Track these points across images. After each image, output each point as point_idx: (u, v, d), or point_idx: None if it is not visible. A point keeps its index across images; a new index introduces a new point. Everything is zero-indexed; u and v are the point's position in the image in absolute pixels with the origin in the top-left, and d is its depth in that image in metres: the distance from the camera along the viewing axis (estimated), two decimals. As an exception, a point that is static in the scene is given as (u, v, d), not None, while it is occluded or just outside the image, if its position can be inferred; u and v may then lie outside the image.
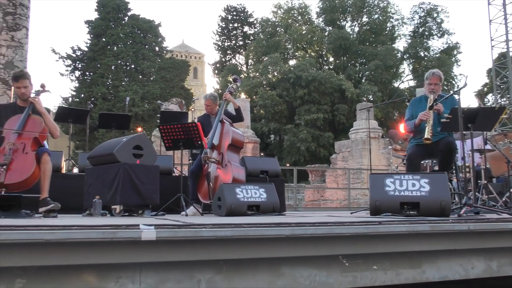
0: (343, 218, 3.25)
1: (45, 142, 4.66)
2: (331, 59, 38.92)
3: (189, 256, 2.12)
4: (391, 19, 38.09)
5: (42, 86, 4.75)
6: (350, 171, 12.96)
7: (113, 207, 5.04)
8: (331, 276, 2.37)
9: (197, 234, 2.03)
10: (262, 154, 20.78)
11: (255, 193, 5.02)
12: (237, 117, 6.10)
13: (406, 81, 39.16)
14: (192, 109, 14.98)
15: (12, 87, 11.69)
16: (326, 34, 37.05)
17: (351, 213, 5.27)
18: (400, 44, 43.24)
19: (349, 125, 27.61)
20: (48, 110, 4.66)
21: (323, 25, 38.21)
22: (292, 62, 37.07)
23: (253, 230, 2.11)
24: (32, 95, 4.53)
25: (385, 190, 3.56)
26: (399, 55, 37.24)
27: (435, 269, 2.66)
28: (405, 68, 39.09)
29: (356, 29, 38.06)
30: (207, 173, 5.46)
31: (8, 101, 11.85)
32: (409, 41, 37.92)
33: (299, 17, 38.42)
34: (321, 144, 30.95)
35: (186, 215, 5.04)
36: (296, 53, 38.79)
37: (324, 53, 38.61)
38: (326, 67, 36.94)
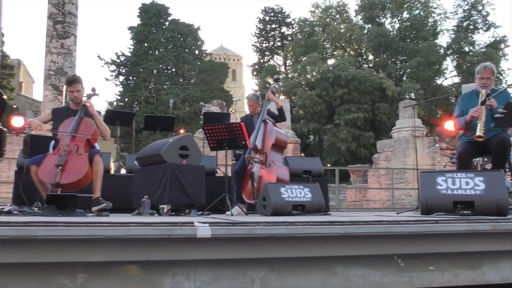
0: (391, 218, 3.17)
1: (96, 144, 4.82)
2: (371, 57, 38.24)
3: (243, 254, 2.14)
4: (433, 14, 36.96)
5: (93, 90, 4.94)
6: (394, 171, 12.67)
7: (161, 206, 5.15)
8: (386, 276, 2.32)
9: (251, 232, 2.04)
10: (302, 154, 20.68)
11: (300, 193, 4.99)
12: (280, 117, 6.09)
13: (449, 78, 37.96)
14: (233, 111, 15.10)
15: (64, 92, 12.16)
16: (365, 32, 36.42)
17: (397, 213, 5.16)
18: (443, 40, 41.97)
19: (390, 124, 27.02)
20: (99, 113, 4.82)
21: (362, 23, 37.61)
22: (330, 62, 36.70)
23: (307, 228, 2.09)
24: (84, 98, 4.73)
25: (436, 189, 3.45)
26: (441, 51, 36.10)
27: (496, 271, 2.55)
28: (449, 64, 37.91)
29: (396, 25, 37.22)
30: (251, 173, 5.48)
31: (59, 105, 12.33)
32: (453, 36, 36.69)
33: (337, 16, 37.98)
34: (362, 144, 30.47)
35: (232, 214, 5.07)
36: (335, 52, 38.39)
37: (363, 51, 38.00)
38: (366, 66, 36.31)
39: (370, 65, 36.66)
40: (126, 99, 32.96)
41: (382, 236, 2.25)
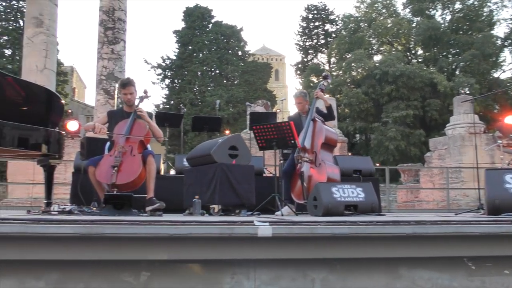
0: (457, 218, 3.02)
1: (148, 145, 4.91)
2: (420, 51, 36.98)
3: (303, 254, 2.09)
4: (488, 3, 34.96)
5: (145, 92, 5.04)
6: (448, 170, 12.17)
7: (211, 206, 5.17)
8: (455, 280, 2.20)
9: (313, 231, 1.99)
10: (349, 154, 20.34)
11: (352, 193, 4.87)
12: (329, 116, 5.99)
13: (508, 71, 35.98)
14: (278, 110, 15.07)
15: (115, 96, 12.53)
16: (413, 25, 35.27)
17: (456, 214, 4.95)
18: (500, 30, 39.99)
19: (443, 121, 26.07)
20: (151, 115, 4.91)
21: (410, 16, 36.45)
22: (377, 58, 35.87)
23: (371, 227, 2.02)
24: (137, 100, 4.84)
25: (504, 188, 3.26)
26: (498, 42, 34.24)
27: None
28: (507, 56, 36.01)
29: (448, 17, 35.66)
30: (300, 173, 5.41)
31: (110, 109, 12.71)
32: (511, 26, 34.85)
33: (384, 10, 37.07)
34: (412, 142, 29.57)
35: (282, 215, 5.02)
36: (382, 48, 37.50)
37: (412, 45, 36.85)
38: (415, 61, 35.22)
39: (420, 60, 35.51)
40: (172, 102, 33.61)
41: (451, 237, 2.13)
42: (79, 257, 1.83)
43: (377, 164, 25.05)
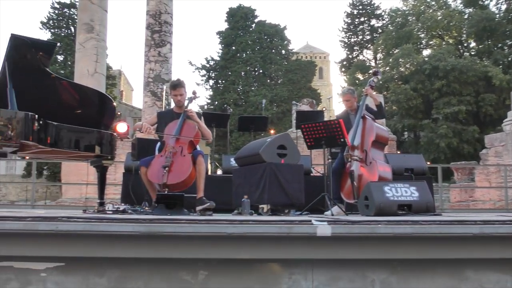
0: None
1: (197, 146, 4.96)
2: (473, 44, 35.30)
3: (363, 254, 2.03)
4: (548, -10, 33.12)
5: (194, 93, 5.11)
6: (507, 168, 11.56)
7: (260, 206, 5.17)
8: (526, 283, 2.07)
9: (374, 230, 1.93)
10: (398, 152, 19.82)
11: (406, 192, 4.73)
12: (379, 114, 5.83)
13: None
14: (324, 108, 14.92)
15: (163, 97, 12.80)
16: (465, 17, 33.74)
17: (517, 214, 4.70)
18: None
19: (498, 116, 24.90)
20: (200, 115, 4.96)
21: (462, 7, 34.87)
22: (426, 52, 34.65)
23: (436, 227, 1.93)
24: (186, 101, 4.91)
25: None
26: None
27: None
28: None
29: (503, 6, 33.62)
30: (350, 172, 5.31)
31: (157, 110, 13.00)
32: None
33: (433, 2, 35.68)
34: (465, 139, 28.36)
35: (332, 214, 4.94)
36: (431, 42, 36.22)
37: (464, 38, 35.28)
38: (467, 54, 33.74)
39: (472, 53, 33.93)
40: (216, 102, 33.97)
41: (522, 237, 2.01)
42: (139, 255, 1.86)
43: (428, 163, 24.16)
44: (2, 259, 1.87)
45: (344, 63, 41.02)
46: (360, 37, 40.67)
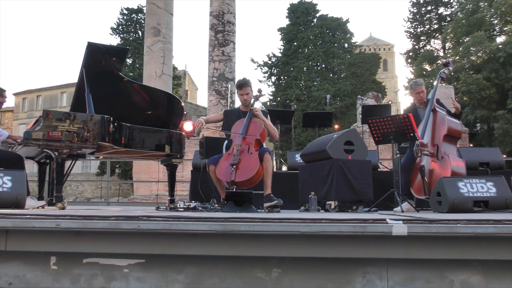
0: None
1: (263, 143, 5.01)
2: (554, 28, 32.85)
3: (440, 254, 1.96)
4: None
5: (259, 91, 5.16)
6: None
7: (328, 202, 5.13)
8: None
9: (453, 230, 1.86)
10: (471, 145, 18.86)
11: (482, 187, 4.50)
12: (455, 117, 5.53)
13: None
14: (390, 102, 14.48)
15: (228, 95, 13.03)
16: (545, -1, 31.45)
17: None
18: None
19: None
20: (266, 114, 5.00)
21: (540, -11, 32.55)
22: (500, 39, 32.60)
23: (521, 227, 1.82)
24: (252, 100, 4.98)
25: None
26: None
27: None
28: None
29: None
30: (420, 167, 5.14)
31: (222, 109, 13.26)
32: None
33: (508, -14, 33.55)
34: (544, 130, 26.51)
35: (402, 211, 4.81)
36: (505, 28, 33.91)
37: (542, 23, 32.92)
38: (546, 39, 31.39)
39: (551, 39, 31.59)
40: (279, 98, 33.99)
41: None
42: (215, 252, 1.91)
43: (504, 156, 22.74)
44: (89, 256, 2.00)
45: (410, 54, 39.48)
46: (427, 26, 38.93)
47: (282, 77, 35.37)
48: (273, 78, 35.72)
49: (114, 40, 34.47)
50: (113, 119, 4.62)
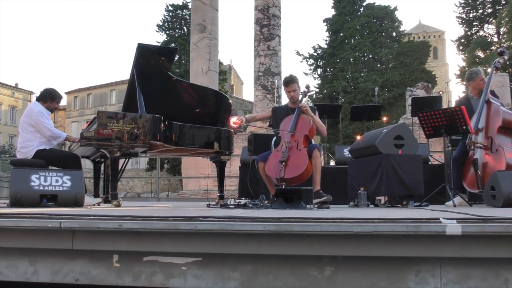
0: None
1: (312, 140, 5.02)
2: None
3: (495, 252, 1.93)
4: None
5: (307, 87, 5.17)
6: None
7: (377, 198, 5.09)
8: None
9: (508, 229, 1.82)
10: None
11: (539, 180, 4.33)
12: None
13: None
14: (441, 92, 14.05)
15: (275, 91, 13.07)
16: None
17: None
18: None
19: None
20: (314, 110, 5.01)
21: None
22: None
23: None
24: (300, 96, 5.00)
25: None
26: None
27: None
28: None
29: None
30: (473, 160, 5.00)
31: (268, 103, 13.33)
32: None
33: None
34: None
35: (454, 205, 4.70)
36: None
37: None
38: None
39: None
40: (325, 91, 33.67)
41: None
42: (269, 251, 1.97)
43: None
44: (149, 254, 2.11)
45: (462, 40, 37.93)
46: (480, 11, 37.25)
47: (328, 69, 34.96)
48: (319, 71, 35.37)
49: (160, 37, 35.25)
50: (163, 118, 4.76)
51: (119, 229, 2.05)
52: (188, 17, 33.57)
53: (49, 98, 5.17)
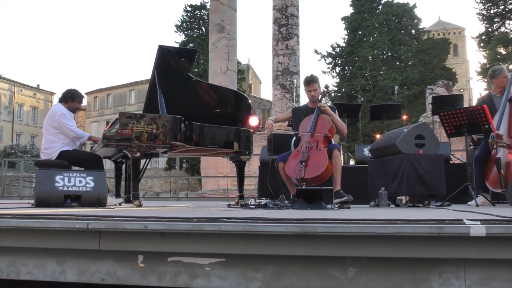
0: None
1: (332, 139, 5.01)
2: None
3: (520, 254, 1.91)
4: None
5: (326, 87, 5.16)
6: None
7: (398, 197, 5.05)
8: None
9: (533, 230, 1.81)
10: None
11: None
12: None
13: None
14: (462, 90, 13.85)
15: (294, 90, 13.04)
16: None
17: None
18: None
19: None
20: (334, 109, 5.00)
21: None
22: None
23: None
24: (320, 96, 4.99)
25: None
26: None
27: None
28: None
29: None
30: (496, 159, 4.93)
31: (287, 103, 13.32)
32: None
33: None
34: None
35: (477, 205, 4.65)
36: None
37: None
38: None
39: None
40: (343, 89, 33.44)
41: None
42: (292, 252, 1.98)
43: None
44: (173, 255, 2.14)
45: (483, 37, 37.23)
46: (502, 7, 36.46)
47: (346, 68, 34.70)
48: (337, 69, 35.14)
49: (179, 38, 35.49)
50: (183, 118, 4.80)
51: (144, 230, 2.08)
52: (206, 17, 33.71)
53: (70, 98, 5.25)
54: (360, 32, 33.79)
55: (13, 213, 2.59)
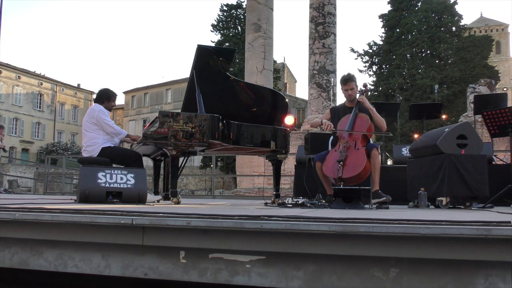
0: None
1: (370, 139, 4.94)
2: None
3: None
4: None
5: (364, 85, 5.10)
6: None
7: (439, 199, 4.94)
8: None
9: None
10: None
11: None
12: None
13: None
14: (505, 89, 13.39)
15: (331, 89, 12.93)
16: None
17: None
18: None
19: None
20: (373, 106, 4.93)
21: None
22: None
23: None
24: (357, 95, 4.93)
25: None
26: None
27: None
28: None
29: None
30: (543, 161, 4.75)
31: (323, 102, 13.22)
32: None
33: None
34: None
35: (521, 208, 4.48)
36: None
37: None
38: None
39: None
40: (380, 88, 32.86)
41: None
42: (333, 252, 1.98)
43: None
44: (214, 252, 2.17)
45: (528, 33, 35.88)
46: (548, 1, 35.11)
47: (384, 66, 34.09)
48: (374, 68, 34.56)
49: (215, 37, 35.81)
50: (221, 117, 4.85)
51: (186, 226, 2.12)
52: (242, 17, 33.85)
53: (105, 98, 5.37)
54: (398, 30, 33.12)
55: (60, 207, 2.68)
